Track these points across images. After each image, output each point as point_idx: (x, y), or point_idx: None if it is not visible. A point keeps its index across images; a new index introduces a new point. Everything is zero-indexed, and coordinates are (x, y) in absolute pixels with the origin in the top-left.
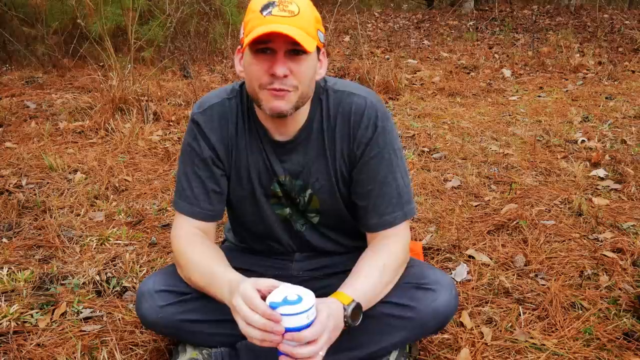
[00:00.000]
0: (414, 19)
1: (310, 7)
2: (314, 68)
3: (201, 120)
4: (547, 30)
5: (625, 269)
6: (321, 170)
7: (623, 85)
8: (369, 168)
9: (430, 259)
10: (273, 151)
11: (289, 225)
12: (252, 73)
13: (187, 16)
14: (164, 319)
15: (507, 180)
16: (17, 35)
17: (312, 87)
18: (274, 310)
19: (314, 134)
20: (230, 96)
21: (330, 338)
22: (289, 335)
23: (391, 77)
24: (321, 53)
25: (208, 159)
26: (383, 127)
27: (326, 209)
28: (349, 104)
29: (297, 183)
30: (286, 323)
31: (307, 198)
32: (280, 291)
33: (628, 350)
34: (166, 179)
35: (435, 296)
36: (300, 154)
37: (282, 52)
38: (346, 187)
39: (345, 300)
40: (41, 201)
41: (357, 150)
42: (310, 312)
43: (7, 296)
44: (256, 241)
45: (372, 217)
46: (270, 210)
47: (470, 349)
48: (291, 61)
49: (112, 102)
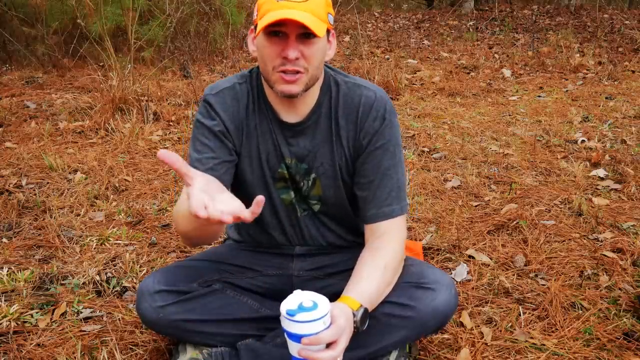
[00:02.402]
0: (414, 19)
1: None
2: (323, 50)
3: (213, 100)
4: (547, 30)
5: (625, 269)
6: (326, 156)
7: (623, 85)
8: (373, 158)
9: (430, 259)
10: (281, 133)
11: (293, 212)
12: (265, 55)
13: (187, 16)
14: (164, 319)
15: (507, 180)
16: (17, 35)
17: (321, 69)
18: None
19: (322, 120)
20: (241, 81)
21: (347, 343)
22: (307, 340)
23: (391, 77)
24: (330, 35)
25: (218, 133)
26: (390, 120)
27: (328, 197)
28: (358, 95)
29: (302, 166)
30: (304, 330)
31: (310, 182)
32: (295, 298)
33: (628, 350)
34: (166, 179)
35: (434, 295)
36: (308, 138)
37: (294, 35)
38: (349, 176)
39: (353, 305)
40: (41, 201)
41: (364, 140)
42: (326, 317)
43: (7, 296)
44: (260, 231)
45: (371, 208)
46: (276, 194)
47: (470, 349)
48: (302, 44)
49: (112, 102)
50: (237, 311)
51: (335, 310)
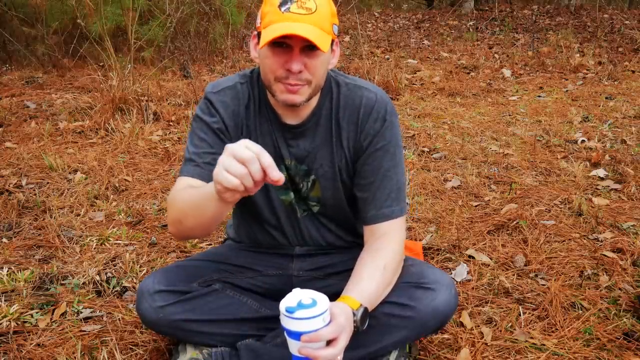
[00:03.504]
0: (414, 19)
1: (327, 2)
2: (327, 61)
3: (214, 98)
4: (547, 30)
5: (625, 269)
6: (326, 157)
7: (623, 85)
8: (374, 159)
9: (430, 259)
10: (282, 135)
11: (292, 212)
12: (268, 65)
13: (187, 16)
14: (164, 319)
15: (507, 180)
16: (17, 35)
17: (324, 78)
18: (290, 314)
19: (322, 121)
20: (243, 81)
21: (347, 342)
22: (306, 337)
23: (391, 77)
24: (334, 43)
25: (217, 130)
26: (391, 121)
27: (327, 198)
28: (359, 96)
29: (302, 168)
30: (303, 327)
31: (310, 183)
32: (294, 295)
33: (628, 350)
34: (166, 179)
35: (434, 295)
36: (308, 139)
37: (298, 48)
38: (349, 177)
39: (353, 305)
40: (41, 201)
41: (364, 141)
42: (325, 315)
43: (7, 296)
44: (260, 231)
45: (371, 209)
46: (275, 194)
47: (470, 349)
48: (306, 57)
49: (112, 102)
50: (237, 311)
51: (335, 309)
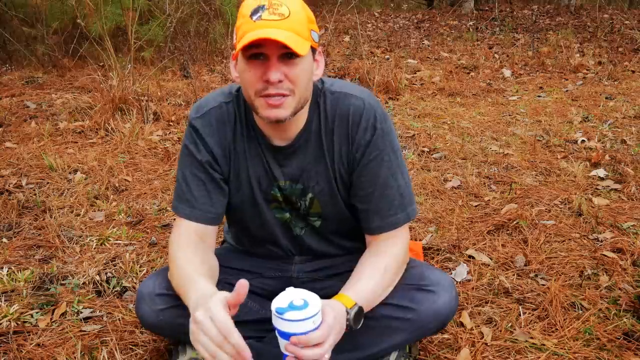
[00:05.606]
0: (414, 19)
1: (302, 8)
2: (309, 70)
3: (199, 124)
4: (547, 30)
5: (625, 269)
6: (320, 173)
7: (623, 85)
8: (369, 171)
9: (430, 259)
10: (272, 156)
11: (288, 229)
12: (247, 80)
13: (187, 16)
14: (164, 322)
15: (507, 180)
16: (17, 35)
17: (309, 89)
18: (280, 315)
19: (312, 137)
20: (228, 100)
21: (335, 340)
22: (295, 339)
23: (391, 77)
24: (317, 53)
25: (206, 163)
26: (382, 129)
27: (328, 212)
28: (347, 105)
29: (298, 187)
30: (293, 328)
31: (307, 202)
32: (286, 295)
33: (628, 350)
34: (166, 179)
35: (435, 298)
36: (300, 157)
37: (275, 57)
38: (346, 190)
39: (348, 303)
40: (41, 201)
41: (357, 153)
42: (316, 317)
43: (7, 296)
44: (255, 245)
45: (375, 220)
46: (270, 214)
47: (470, 349)
48: (285, 65)
49: (112, 102)
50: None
51: (326, 308)
